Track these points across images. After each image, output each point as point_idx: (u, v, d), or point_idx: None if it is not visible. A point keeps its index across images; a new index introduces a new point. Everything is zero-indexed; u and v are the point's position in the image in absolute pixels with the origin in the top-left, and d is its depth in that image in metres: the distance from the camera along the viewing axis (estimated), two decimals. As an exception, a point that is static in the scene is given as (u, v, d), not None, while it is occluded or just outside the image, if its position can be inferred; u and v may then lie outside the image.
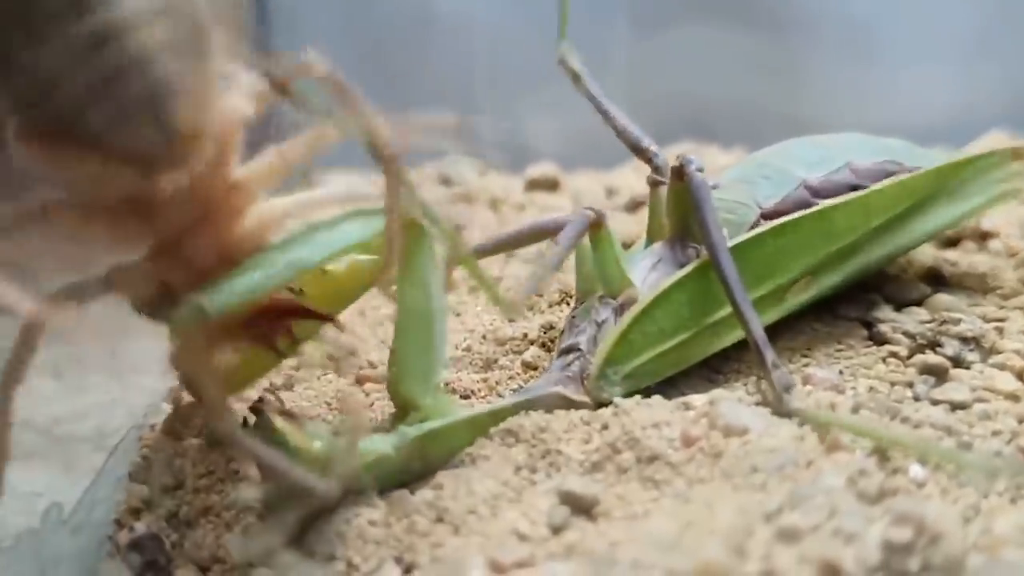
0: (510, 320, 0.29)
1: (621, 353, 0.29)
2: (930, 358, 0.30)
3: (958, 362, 0.30)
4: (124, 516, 0.28)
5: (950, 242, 0.39)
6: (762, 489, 0.23)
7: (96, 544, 0.28)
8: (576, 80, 0.34)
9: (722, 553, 0.21)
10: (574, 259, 0.33)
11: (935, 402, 0.28)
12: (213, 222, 0.24)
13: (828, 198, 0.31)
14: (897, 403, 0.27)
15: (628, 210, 0.46)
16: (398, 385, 0.27)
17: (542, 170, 0.52)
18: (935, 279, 0.35)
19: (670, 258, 0.32)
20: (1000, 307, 0.33)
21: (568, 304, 0.37)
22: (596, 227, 0.30)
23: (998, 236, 0.39)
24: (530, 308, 0.37)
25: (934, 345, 0.30)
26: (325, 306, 0.27)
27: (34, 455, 0.37)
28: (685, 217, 0.31)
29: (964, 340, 0.30)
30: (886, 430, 0.25)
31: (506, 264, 0.41)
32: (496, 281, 0.39)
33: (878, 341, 0.31)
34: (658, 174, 0.33)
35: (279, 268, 0.24)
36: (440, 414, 0.27)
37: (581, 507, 0.24)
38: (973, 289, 0.34)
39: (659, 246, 0.32)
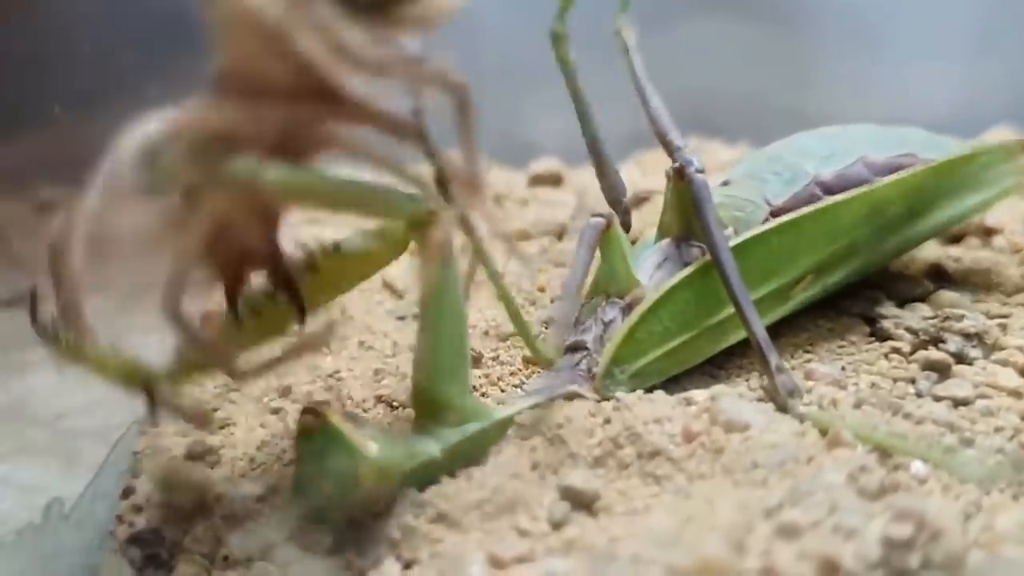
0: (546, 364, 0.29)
1: (628, 352, 0.29)
2: (933, 354, 0.30)
3: (961, 358, 0.30)
4: (125, 511, 0.29)
5: (954, 238, 0.39)
6: (763, 485, 0.23)
7: (98, 539, 0.28)
8: (625, 54, 0.33)
9: (722, 549, 0.21)
10: (569, 253, 0.32)
11: (937, 398, 0.28)
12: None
13: (840, 194, 0.31)
14: (899, 399, 0.27)
15: (632, 206, 0.46)
16: (430, 387, 0.26)
17: (545, 165, 0.51)
18: (938, 275, 0.35)
19: (675, 257, 0.32)
20: (1003, 304, 0.33)
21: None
22: (605, 227, 0.30)
23: (1002, 232, 0.38)
24: (532, 303, 0.37)
25: (937, 341, 0.30)
26: (331, 282, 0.27)
27: (37, 450, 0.37)
28: (688, 217, 0.31)
29: (967, 336, 0.30)
30: (891, 436, 0.25)
31: (509, 260, 0.41)
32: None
33: (881, 337, 0.31)
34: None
35: (338, 182, 0.23)
36: (477, 416, 0.26)
37: (582, 502, 0.24)
38: (976, 285, 0.34)
39: (665, 245, 0.32)
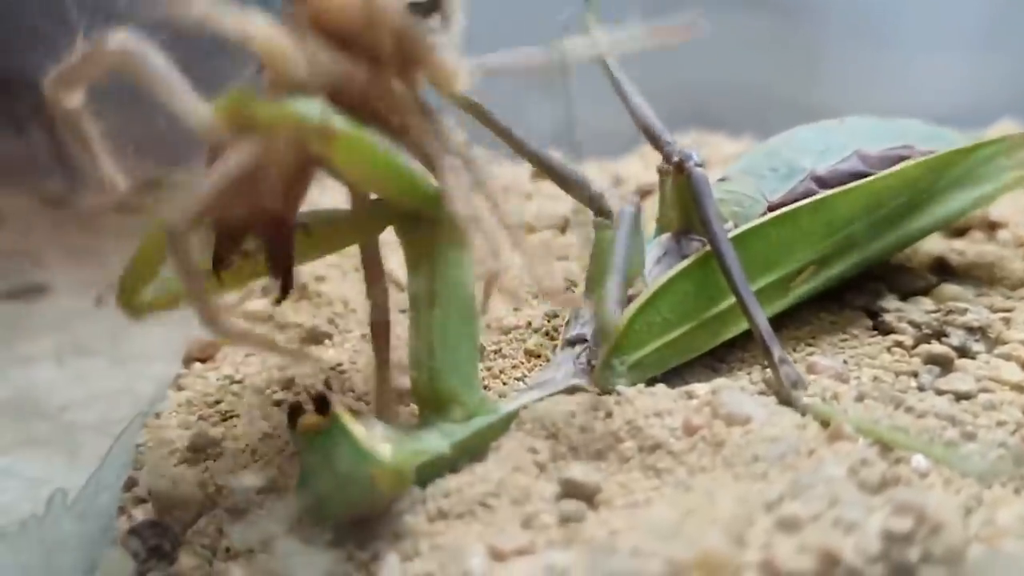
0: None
1: (627, 343, 0.29)
2: (935, 348, 0.29)
3: (964, 352, 0.30)
4: (128, 503, 0.29)
5: (958, 232, 0.38)
6: (763, 478, 0.23)
7: (100, 530, 0.28)
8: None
9: (722, 542, 0.21)
10: (572, 247, 0.32)
11: (940, 392, 0.28)
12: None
13: (835, 187, 0.31)
14: (901, 393, 0.27)
15: (634, 199, 0.46)
16: (438, 380, 0.26)
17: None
18: (942, 269, 0.35)
19: (675, 251, 0.32)
20: (1007, 297, 0.33)
21: (572, 292, 0.36)
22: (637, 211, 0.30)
23: (1007, 226, 0.38)
24: (535, 296, 0.37)
25: (940, 335, 0.30)
26: (321, 244, 0.27)
27: (40, 442, 0.37)
28: (688, 211, 0.31)
29: (970, 330, 0.30)
30: (893, 430, 0.25)
31: (512, 253, 0.41)
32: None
33: (883, 331, 0.31)
34: (670, 163, 0.33)
35: (389, 153, 0.23)
36: (484, 410, 0.26)
37: (583, 495, 0.24)
38: (980, 279, 0.34)
39: (664, 239, 0.32)
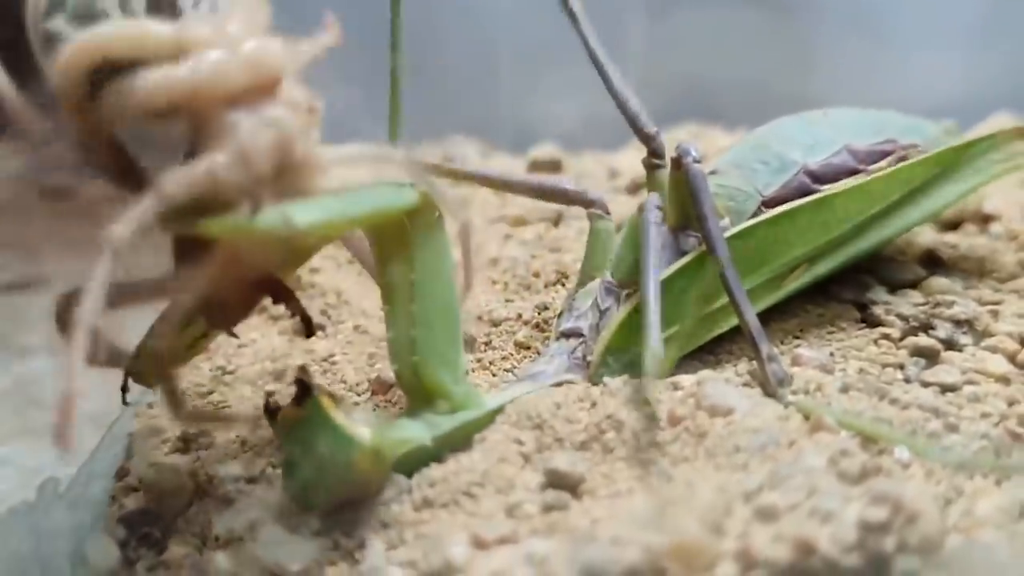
0: None
1: (622, 341, 0.29)
2: (922, 340, 0.30)
3: (951, 345, 0.30)
4: (119, 492, 0.29)
5: (951, 225, 0.39)
6: (744, 468, 0.24)
7: (92, 519, 0.29)
8: (575, 23, 0.32)
9: (699, 531, 0.21)
10: (565, 239, 0.32)
11: (925, 384, 0.28)
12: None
13: (828, 182, 0.31)
14: (886, 385, 0.27)
15: (629, 192, 0.46)
16: (423, 373, 0.26)
17: (545, 151, 0.51)
18: (932, 261, 0.35)
19: (672, 246, 0.32)
20: (996, 290, 0.33)
21: (563, 285, 0.37)
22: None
23: (1000, 219, 0.38)
24: (526, 288, 0.37)
25: (927, 328, 0.30)
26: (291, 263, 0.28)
27: (38, 432, 0.37)
28: (686, 206, 0.31)
29: (957, 323, 0.30)
30: (875, 423, 0.25)
31: (504, 245, 0.41)
32: (494, 262, 0.39)
33: (871, 323, 0.31)
34: (655, 156, 0.32)
35: (358, 205, 0.24)
36: (469, 403, 0.27)
37: (567, 485, 0.25)
38: (969, 272, 0.34)
39: (662, 232, 0.32)
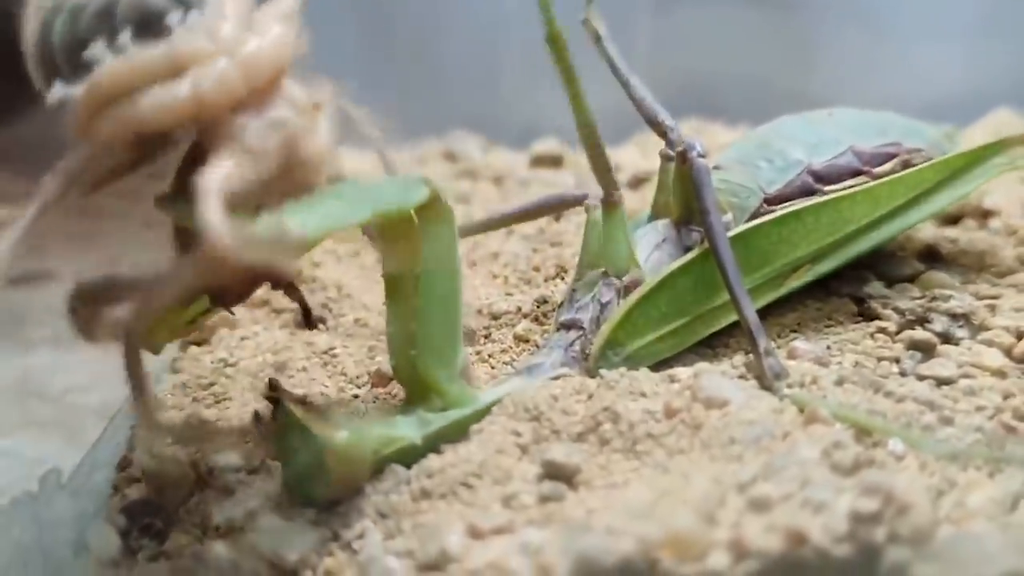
0: None
1: (623, 335, 0.29)
2: (918, 334, 0.30)
3: (947, 338, 0.30)
4: (121, 482, 0.29)
5: (951, 220, 0.39)
6: (738, 460, 0.24)
7: (94, 509, 0.29)
8: (598, 43, 0.33)
9: (693, 521, 0.21)
10: (566, 233, 0.33)
11: (921, 377, 0.28)
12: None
13: (831, 183, 0.32)
14: (882, 378, 0.28)
15: (631, 187, 0.46)
16: (418, 368, 0.27)
17: (546, 146, 0.52)
18: (930, 256, 0.35)
19: (675, 240, 0.32)
20: (994, 285, 0.33)
21: (563, 279, 0.37)
22: (612, 206, 0.31)
23: (999, 215, 0.38)
24: (527, 282, 0.37)
25: (923, 321, 0.30)
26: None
27: (42, 424, 0.37)
28: (689, 200, 0.31)
29: (953, 317, 0.30)
30: (869, 416, 0.25)
31: (506, 240, 0.41)
32: (495, 256, 0.40)
33: (868, 317, 0.31)
34: (672, 148, 0.32)
35: (361, 206, 0.24)
36: (462, 400, 0.27)
37: (563, 476, 0.25)
38: (968, 267, 0.34)
39: (664, 225, 0.32)
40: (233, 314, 0.30)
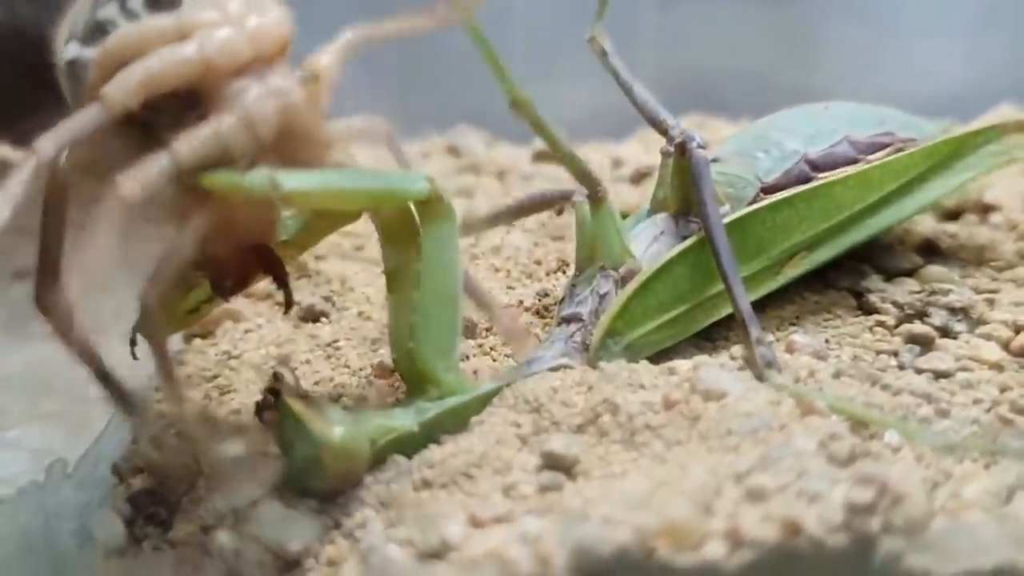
0: None
1: (621, 324, 0.29)
2: (916, 328, 0.30)
3: (945, 332, 0.30)
4: (126, 472, 0.29)
5: (952, 214, 0.39)
6: (735, 451, 0.24)
7: (99, 498, 0.29)
8: (603, 57, 0.34)
9: (689, 511, 0.21)
10: (569, 228, 0.33)
11: (919, 371, 0.28)
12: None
13: (827, 171, 0.32)
14: (880, 371, 0.28)
15: (633, 182, 0.46)
16: (417, 359, 0.27)
17: (550, 141, 0.52)
18: (930, 250, 0.35)
19: (672, 231, 0.32)
20: (993, 279, 0.33)
21: (565, 272, 0.37)
22: (598, 201, 0.31)
23: (1000, 209, 0.38)
24: (528, 276, 0.38)
25: (922, 315, 0.31)
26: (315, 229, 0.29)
27: (49, 416, 0.38)
28: (688, 192, 0.32)
29: (952, 310, 0.31)
30: (865, 408, 0.26)
31: (507, 234, 0.41)
32: (496, 249, 0.40)
33: (867, 311, 0.32)
34: (671, 144, 0.32)
35: (357, 184, 0.25)
36: (459, 390, 0.27)
37: (562, 467, 0.25)
38: (967, 261, 0.35)
39: (662, 218, 0.33)
40: (228, 302, 0.30)
